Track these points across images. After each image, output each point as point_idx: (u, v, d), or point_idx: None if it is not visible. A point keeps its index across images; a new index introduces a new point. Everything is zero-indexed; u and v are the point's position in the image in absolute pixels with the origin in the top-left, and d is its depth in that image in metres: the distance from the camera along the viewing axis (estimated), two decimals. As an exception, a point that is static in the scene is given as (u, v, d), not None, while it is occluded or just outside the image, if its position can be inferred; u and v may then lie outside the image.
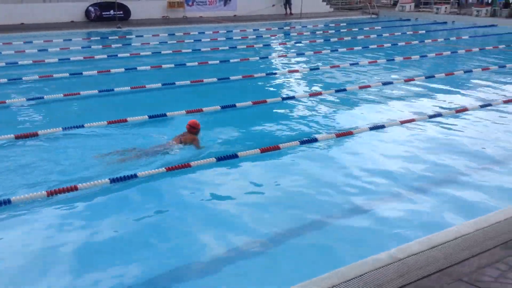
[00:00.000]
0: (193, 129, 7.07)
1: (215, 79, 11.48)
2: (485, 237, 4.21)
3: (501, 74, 12.82)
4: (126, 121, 8.11)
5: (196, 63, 13.60)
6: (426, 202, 5.68)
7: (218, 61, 13.96)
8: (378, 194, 5.85)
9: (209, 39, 18.71)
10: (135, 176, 5.91)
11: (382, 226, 5.16)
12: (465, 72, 12.89)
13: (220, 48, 16.71)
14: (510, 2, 24.87)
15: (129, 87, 10.53)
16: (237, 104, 9.15)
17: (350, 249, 4.68)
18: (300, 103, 9.82)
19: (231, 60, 14.18)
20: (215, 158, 6.49)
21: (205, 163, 6.41)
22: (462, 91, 11.15)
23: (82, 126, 7.73)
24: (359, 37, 19.72)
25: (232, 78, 11.73)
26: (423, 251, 4.04)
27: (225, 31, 20.97)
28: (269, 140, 7.46)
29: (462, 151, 7.25)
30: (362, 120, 8.65)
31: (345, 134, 7.71)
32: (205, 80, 11.37)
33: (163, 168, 6.13)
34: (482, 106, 9.39)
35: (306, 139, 7.38)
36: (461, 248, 4.05)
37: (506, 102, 9.76)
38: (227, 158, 6.54)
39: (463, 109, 9.16)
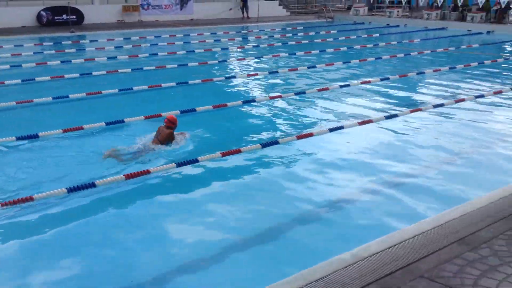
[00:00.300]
0: (172, 124, 7.14)
1: (173, 84, 11.35)
2: (442, 234, 4.33)
3: (452, 75, 13.30)
4: (82, 128, 7.89)
5: (153, 67, 13.42)
6: (385, 201, 5.80)
7: (176, 65, 13.83)
8: (338, 195, 5.93)
9: (166, 43, 18.50)
10: (93, 185, 5.74)
11: (344, 226, 5.24)
12: (418, 73, 13.30)
13: (178, 52, 16.56)
14: (459, 5, 25.86)
15: (85, 93, 10.26)
16: (197, 108, 9.08)
17: (313, 250, 4.71)
18: (261, 106, 9.85)
19: (190, 64, 14.08)
20: (175, 164, 6.41)
21: (164, 168, 6.31)
22: (415, 92, 11.49)
23: (37, 136, 7.45)
24: (316, 41, 20.01)
25: (191, 82, 11.64)
26: (385, 249, 4.10)
27: (182, 35, 20.78)
28: (230, 144, 7.43)
29: (418, 150, 7.46)
30: (322, 121, 8.77)
31: (306, 135, 7.78)
32: (163, 85, 11.22)
33: (122, 176, 5.99)
34: (435, 106, 9.70)
35: (268, 142, 7.40)
36: (420, 245, 4.14)
37: (457, 101, 10.13)
38: (188, 163, 6.46)
39: (417, 109, 9.44)
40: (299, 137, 7.68)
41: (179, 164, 6.41)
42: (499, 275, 3.57)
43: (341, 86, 11.59)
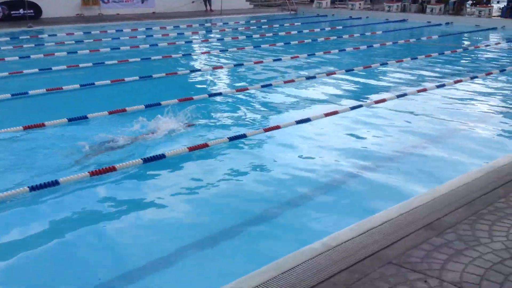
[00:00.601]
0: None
1: (137, 78, 11.15)
2: (409, 220, 4.41)
3: (414, 66, 13.58)
4: (43, 125, 7.65)
5: (115, 62, 13.14)
6: (353, 189, 5.88)
7: (139, 59, 13.58)
8: (307, 185, 5.96)
9: (128, 37, 18.15)
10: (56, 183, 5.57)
11: (314, 216, 5.27)
12: (381, 64, 13.52)
13: (141, 46, 16.27)
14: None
15: (45, 89, 9.94)
16: (162, 102, 8.93)
17: (284, 241, 4.73)
18: (227, 99, 9.79)
19: (153, 58, 13.85)
20: (142, 159, 6.29)
21: (131, 165, 6.20)
22: (379, 83, 11.68)
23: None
24: (280, 33, 20.04)
25: (155, 76, 11.46)
26: (354, 237, 4.15)
27: (145, 29, 20.43)
28: (196, 138, 7.36)
29: (383, 139, 7.58)
30: (289, 114, 8.80)
31: (273, 128, 7.78)
32: (127, 79, 11.00)
33: (87, 173, 5.85)
34: (398, 96, 9.88)
35: (235, 135, 7.36)
36: (388, 232, 4.21)
37: (420, 91, 10.35)
38: (154, 159, 6.36)
39: (381, 100, 9.59)
40: (267, 130, 7.68)
41: (146, 160, 6.30)
42: (465, 258, 3.67)
43: (307, 78, 11.65)
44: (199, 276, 4.23)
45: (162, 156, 6.45)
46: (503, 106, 9.67)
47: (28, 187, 5.43)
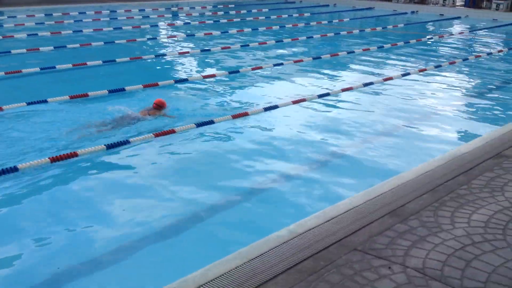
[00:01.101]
0: (160, 107, 7.51)
1: (100, 62, 10.84)
2: (374, 207, 4.45)
3: (380, 54, 13.72)
4: (1, 109, 7.35)
5: (78, 45, 12.74)
6: (320, 177, 5.89)
7: (102, 43, 13.21)
8: (273, 173, 5.94)
9: (91, 20, 17.63)
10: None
11: (280, 203, 5.27)
12: (348, 52, 13.59)
13: (104, 29, 15.82)
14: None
15: (3, 72, 9.54)
16: (126, 88, 8.72)
17: (250, 228, 4.70)
18: (194, 85, 9.65)
19: (117, 42, 13.50)
20: (105, 145, 6.13)
21: (93, 150, 6.02)
22: (346, 71, 11.75)
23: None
24: (248, 19, 19.88)
25: (118, 60, 11.17)
26: (320, 224, 4.16)
27: (109, 12, 19.90)
28: (163, 124, 7.22)
29: (349, 127, 7.63)
30: (256, 101, 8.73)
31: (241, 115, 7.72)
32: (89, 63, 10.69)
33: (47, 159, 5.65)
34: (365, 85, 9.97)
35: (203, 121, 7.26)
36: (354, 219, 4.23)
37: (386, 80, 10.47)
38: (118, 146, 6.20)
39: (348, 88, 9.65)
40: (235, 117, 7.60)
41: (109, 146, 6.14)
42: (428, 245, 3.73)
43: (275, 65, 11.60)
44: (161, 265, 4.16)
45: (126, 142, 6.29)
46: (465, 95, 9.90)
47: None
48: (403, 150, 6.81)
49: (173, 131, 6.78)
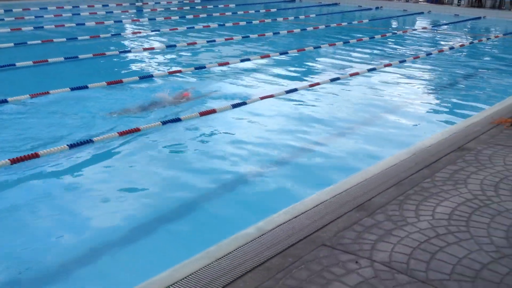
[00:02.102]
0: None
1: (61, 59, 10.55)
2: (341, 202, 4.47)
3: (346, 49, 13.85)
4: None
5: (39, 42, 12.36)
6: (288, 173, 5.90)
7: (64, 39, 12.86)
8: (241, 170, 5.92)
9: (53, 16, 17.14)
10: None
11: (249, 200, 5.24)
12: (315, 48, 13.66)
13: (66, 25, 15.41)
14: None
15: (-41, 70, 9.18)
16: (89, 85, 8.51)
17: (218, 227, 4.66)
18: (159, 82, 9.50)
19: (80, 38, 13.16)
20: (67, 145, 5.95)
21: (57, 150, 5.84)
22: (313, 66, 11.82)
23: None
24: (214, 14, 19.73)
25: (81, 57, 10.89)
26: (288, 221, 4.15)
27: (71, 7, 19.38)
28: (127, 122, 7.08)
29: (317, 122, 7.67)
30: (224, 97, 8.66)
31: (209, 112, 7.63)
32: (50, 60, 10.38)
33: (7, 161, 5.45)
34: (332, 80, 10.03)
35: (168, 119, 7.15)
36: (322, 214, 4.24)
37: (352, 75, 10.57)
38: (80, 144, 6.04)
39: (315, 84, 9.69)
40: (202, 114, 7.52)
41: (71, 146, 5.97)
42: (394, 238, 3.77)
43: (242, 61, 11.54)
44: (125, 268, 4.08)
45: (89, 141, 6.13)
46: (429, 89, 10.10)
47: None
48: (369, 144, 6.89)
49: (138, 130, 6.64)
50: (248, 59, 11.78)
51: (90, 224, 4.66)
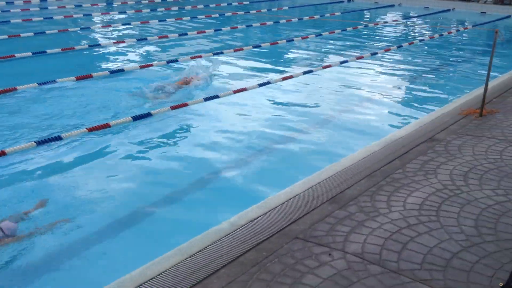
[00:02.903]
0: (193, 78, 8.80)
1: (29, 54, 10.26)
2: (314, 194, 4.49)
3: (318, 42, 13.89)
4: None
5: (5, 36, 11.99)
6: (260, 167, 5.89)
7: (32, 34, 12.51)
8: (213, 165, 5.87)
9: (19, 10, 16.65)
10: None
11: (221, 194, 5.21)
12: (288, 41, 13.65)
13: (34, 19, 14.99)
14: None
15: None
16: (58, 80, 8.31)
17: (191, 223, 4.62)
18: (130, 76, 9.34)
19: (48, 32, 12.83)
20: (35, 142, 5.80)
21: (23, 148, 5.69)
22: (286, 59, 11.81)
23: None
24: (186, 7, 19.51)
25: (49, 51, 10.62)
26: (262, 215, 4.14)
27: (39, 1, 18.87)
28: (97, 118, 6.95)
29: (290, 115, 7.69)
30: (196, 91, 8.58)
31: (181, 106, 7.54)
32: (17, 55, 10.09)
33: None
34: (304, 73, 10.04)
35: (139, 114, 7.03)
36: (295, 207, 4.25)
37: (325, 67, 10.60)
38: (49, 141, 5.90)
39: (289, 77, 9.69)
40: (174, 108, 7.43)
41: (39, 143, 5.82)
42: (366, 230, 3.80)
43: (214, 54, 11.44)
44: (97, 267, 4.01)
45: (58, 138, 5.99)
46: (400, 80, 10.22)
47: None
48: (342, 136, 6.94)
49: (107, 125, 6.51)
50: (221, 52, 11.69)
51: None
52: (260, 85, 9.01)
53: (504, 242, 3.65)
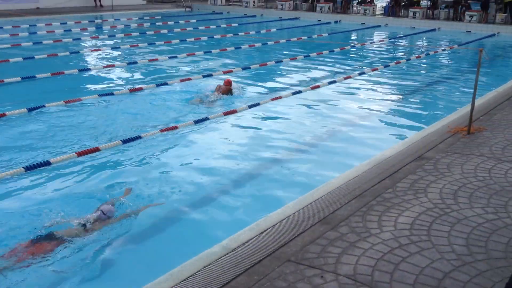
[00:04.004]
0: (229, 84, 9.80)
1: (18, 78, 10.25)
2: (306, 215, 4.48)
3: (307, 63, 14.03)
4: None
5: (-6, 61, 12.00)
6: (252, 188, 5.88)
7: (21, 59, 12.52)
8: (203, 188, 5.85)
9: (8, 35, 16.67)
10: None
11: (213, 219, 5.18)
12: (276, 62, 13.78)
13: (23, 44, 15.01)
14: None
15: None
16: (47, 105, 8.29)
17: (183, 246, 4.58)
18: (120, 99, 9.34)
19: (37, 57, 12.84)
20: (24, 168, 5.76)
21: (12, 174, 5.65)
22: (275, 80, 11.89)
23: None
24: (175, 30, 19.66)
25: (38, 76, 10.61)
26: (253, 237, 4.12)
27: (28, 25, 18.93)
28: (87, 142, 6.92)
29: (280, 136, 7.70)
30: (185, 113, 8.60)
31: (170, 129, 7.55)
32: (6, 80, 10.07)
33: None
34: (293, 93, 10.12)
35: (129, 137, 7.03)
36: (286, 229, 4.24)
37: (313, 88, 10.69)
38: (37, 167, 5.87)
39: (278, 97, 9.75)
40: (163, 131, 7.43)
41: (27, 168, 5.78)
42: (358, 251, 3.80)
43: (204, 76, 11.52)
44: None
45: (47, 163, 5.95)
46: (388, 100, 10.32)
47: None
48: (332, 156, 6.96)
49: (97, 149, 6.49)
50: (211, 75, 11.76)
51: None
52: (250, 106, 9.06)
53: (495, 260, 3.66)
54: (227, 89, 9.74)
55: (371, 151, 6.90)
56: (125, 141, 6.86)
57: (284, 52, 15.86)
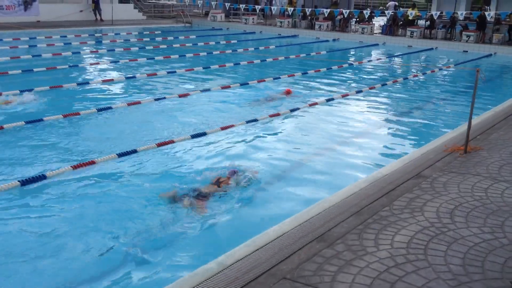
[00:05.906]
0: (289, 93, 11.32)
1: (17, 91, 10.26)
2: (302, 232, 4.47)
3: (305, 80, 14.11)
4: None
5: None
6: (247, 206, 5.85)
7: (20, 71, 12.56)
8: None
9: (8, 47, 16.75)
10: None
11: (208, 234, 5.15)
12: (274, 79, 13.85)
13: (22, 56, 15.07)
14: (308, 14, 27.72)
15: None
16: (45, 118, 8.29)
17: (176, 263, 4.54)
18: (118, 113, 9.35)
19: (36, 70, 12.88)
20: (19, 181, 5.74)
21: (7, 187, 5.62)
22: (273, 97, 11.90)
23: None
24: (175, 46, 19.79)
25: (37, 89, 10.63)
26: (249, 254, 4.10)
27: (28, 38, 19.03)
28: (82, 156, 6.91)
29: (276, 153, 7.70)
30: (184, 128, 8.61)
31: (166, 143, 7.56)
32: (4, 93, 10.09)
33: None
34: (291, 110, 10.15)
35: (124, 151, 7.02)
36: (282, 246, 4.22)
37: (311, 105, 10.74)
38: (33, 182, 5.85)
39: (276, 114, 9.78)
40: (160, 145, 7.43)
41: (23, 183, 5.76)
42: (354, 269, 3.77)
43: (202, 91, 11.56)
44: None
45: (43, 177, 5.93)
46: (385, 119, 10.36)
47: None
48: (329, 174, 6.95)
49: (93, 162, 6.48)
50: (209, 90, 11.81)
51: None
52: (248, 122, 9.08)
53: (492, 281, 3.64)
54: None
55: (368, 168, 6.91)
56: (120, 155, 6.83)
57: (282, 69, 15.94)
